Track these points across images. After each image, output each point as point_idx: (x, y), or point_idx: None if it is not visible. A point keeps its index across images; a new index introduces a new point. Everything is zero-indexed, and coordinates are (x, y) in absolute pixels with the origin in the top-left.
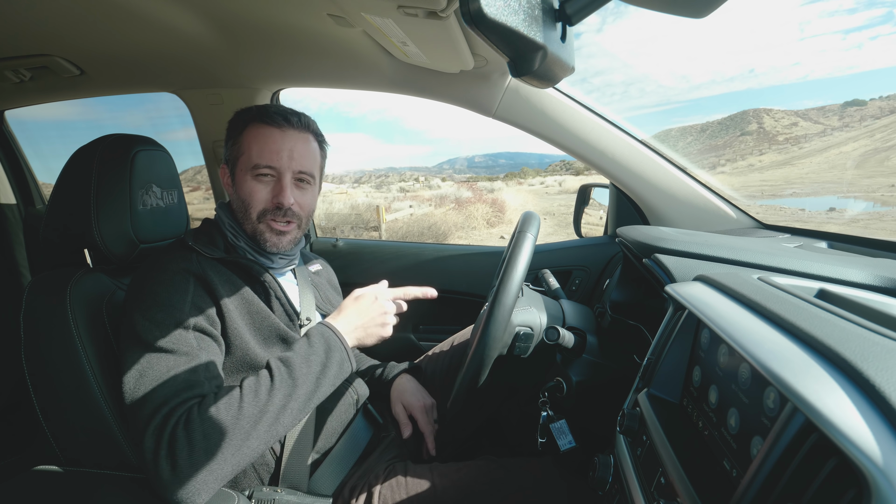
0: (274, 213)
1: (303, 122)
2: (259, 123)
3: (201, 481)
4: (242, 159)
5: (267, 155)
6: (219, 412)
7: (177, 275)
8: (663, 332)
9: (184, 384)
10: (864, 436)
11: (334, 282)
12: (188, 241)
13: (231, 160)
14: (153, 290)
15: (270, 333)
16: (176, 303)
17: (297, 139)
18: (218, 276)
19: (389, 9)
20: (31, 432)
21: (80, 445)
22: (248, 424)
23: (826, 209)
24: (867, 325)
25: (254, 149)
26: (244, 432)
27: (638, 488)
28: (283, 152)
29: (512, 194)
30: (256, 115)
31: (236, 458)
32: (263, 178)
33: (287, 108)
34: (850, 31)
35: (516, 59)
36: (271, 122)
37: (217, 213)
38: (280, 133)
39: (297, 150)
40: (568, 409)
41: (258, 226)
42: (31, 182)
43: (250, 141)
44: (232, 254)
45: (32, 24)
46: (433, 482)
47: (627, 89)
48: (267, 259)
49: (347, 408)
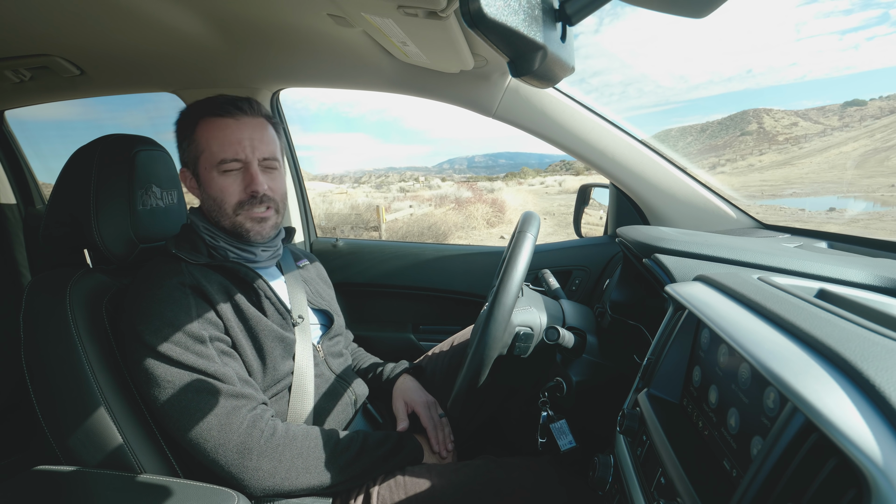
0: (250, 203)
1: (254, 107)
2: (211, 117)
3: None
4: (204, 157)
5: (229, 147)
6: (296, 437)
7: (175, 290)
8: (663, 332)
9: (236, 396)
10: (864, 436)
11: (324, 275)
12: (171, 249)
13: (190, 161)
14: (158, 310)
15: (266, 338)
16: (184, 319)
17: (254, 126)
18: (210, 284)
19: (389, 9)
20: (31, 432)
21: (80, 445)
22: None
23: (826, 209)
24: (867, 325)
25: (213, 144)
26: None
27: (638, 488)
28: (245, 141)
29: (512, 194)
30: (207, 109)
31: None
32: (231, 171)
33: (234, 97)
34: (846, 31)
35: (516, 59)
36: (224, 112)
37: (190, 220)
38: (235, 123)
39: (257, 136)
40: (568, 409)
41: (236, 219)
42: (31, 182)
43: (208, 137)
44: (216, 258)
45: (32, 24)
46: (432, 482)
47: (626, 89)
48: (251, 254)
49: (346, 407)
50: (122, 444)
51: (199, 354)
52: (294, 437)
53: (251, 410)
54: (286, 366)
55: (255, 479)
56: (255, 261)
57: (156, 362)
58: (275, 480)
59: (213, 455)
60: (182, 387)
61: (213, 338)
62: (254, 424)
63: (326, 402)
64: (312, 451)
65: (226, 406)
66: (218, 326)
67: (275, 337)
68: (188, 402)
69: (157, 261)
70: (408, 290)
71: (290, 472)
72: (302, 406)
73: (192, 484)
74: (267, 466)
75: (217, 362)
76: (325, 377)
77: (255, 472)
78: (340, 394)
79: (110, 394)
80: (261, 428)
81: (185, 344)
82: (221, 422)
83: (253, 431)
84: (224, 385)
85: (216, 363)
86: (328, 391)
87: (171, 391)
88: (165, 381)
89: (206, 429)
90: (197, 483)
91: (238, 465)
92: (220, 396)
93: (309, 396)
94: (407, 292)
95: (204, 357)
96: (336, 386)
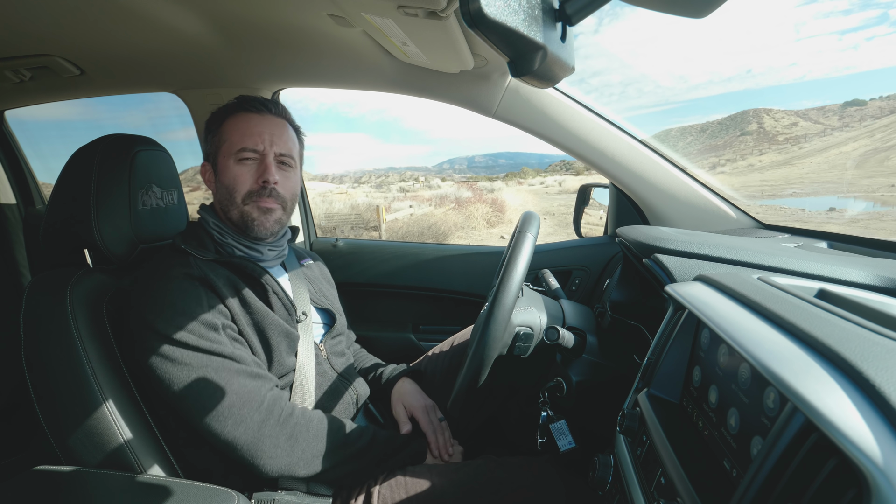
0: (259, 193)
1: (280, 110)
2: (239, 112)
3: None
4: (224, 147)
5: (249, 138)
6: (312, 420)
7: (185, 281)
8: (663, 332)
9: (254, 377)
10: (864, 436)
11: (327, 275)
12: (179, 244)
13: (212, 153)
14: (170, 300)
15: (272, 332)
16: (196, 308)
17: (277, 124)
18: (218, 278)
19: (389, 9)
20: (31, 432)
21: (80, 445)
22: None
23: (826, 209)
24: (867, 325)
25: (234, 135)
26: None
27: (638, 488)
28: (265, 135)
29: (512, 194)
30: (236, 106)
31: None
32: (247, 161)
33: (265, 98)
34: (845, 31)
35: (516, 59)
36: (251, 108)
37: (201, 216)
38: (260, 117)
39: (277, 132)
40: (568, 408)
41: (244, 208)
42: (31, 182)
43: (230, 129)
44: (223, 254)
45: (32, 24)
46: (432, 482)
47: (625, 90)
48: (257, 252)
49: (347, 406)
50: (122, 444)
51: (213, 340)
52: (311, 420)
53: (270, 390)
54: (290, 361)
55: (271, 458)
56: (261, 259)
57: (172, 348)
58: (290, 460)
59: (232, 433)
60: (200, 368)
61: (224, 325)
62: (275, 402)
63: (328, 401)
64: (328, 435)
65: (246, 385)
66: (227, 316)
67: (280, 331)
68: (208, 383)
69: (165, 254)
70: (408, 290)
71: (305, 453)
72: (303, 404)
73: (192, 484)
74: (285, 445)
75: (230, 346)
76: (328, 376)
77: (273, 450)
78: (342, 393)
79: (110, 394)
80: (281, 406)
81: (199, 332)
82: (242, 399)
83: (274, 409)
84: (241, 366)
85: (230, 347)
86: (330, 390)
87: (190, 374)
88: (183, 364)
89: (227, 406)
90: (197, 483)
91: (256, 443)
92: (239, 375)
93: (310, 394)
94: (407, 292)
95: (217, 342)
96: (338, 385)
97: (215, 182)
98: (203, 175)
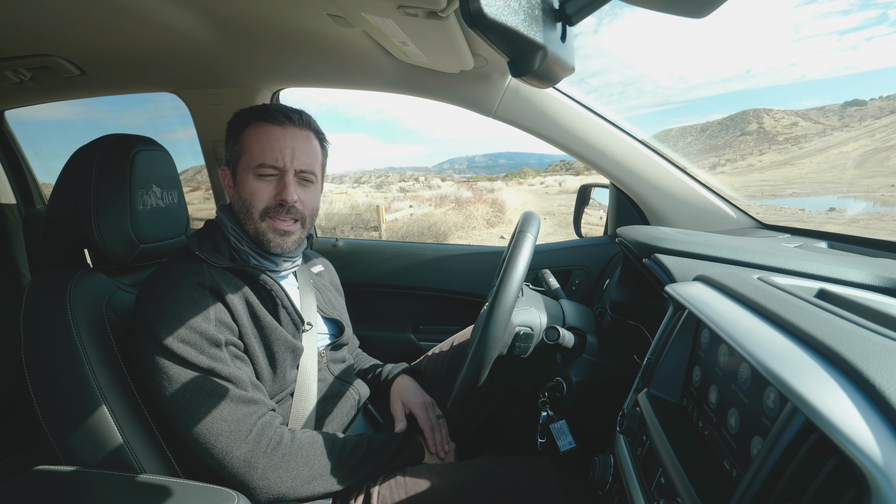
0: (277, 211)
1: (304, 119)
2: (260, 122)
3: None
4: (244, 159)
5: (269, 153)
6: (302, 446)
7: (194, 291)
8: (663, 332)
9: (246, 402)
10: (864, 436)
11: (337, 283)
12: (194, 249)
13: (232, 160)
14: (177, 310)
15: (279, 347)
16: (201, 321)
17: (299, 137)
18: (229, 288)
19: (389, 9)
20: (31, 432)
21: (80, 445)
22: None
23: (826, 209)
24: (867, 325)
25: (255, 148)
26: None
27: (638, 488)
28: (286, 150)
29: (512, 194)
30: (257, 114)
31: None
32: (266, 177)
33: (288, 107)
34: (845, 32)
35: (516, 59)
36: (273, 119)
37: (218, 216)
38: (282, 131)
39: (299, 147)
40: (568, 408)
41: (261, 225)
42: (31, 182)
43: (251, 140)
44: (237, 261)
45: (32, 24)
46: (432, 482)
47: (625, 90)
48: (271, 262)
49: (348, 408)
50: (122, 444)
51: (213, 357)
52: (300, 446)
53: (260, 417)
54: (293, 374)
55: (260, 489)
56: (275, 270)
57: (168, 362)
58: (280, 490)
59: (220, 460)
60: (193, 389)
61: (227, 342)
62: (262, 433)
63: (328, 404)
64: (318, 458)
65: (236, 412)
66: (233, 331)
67: (287, 347)
68: (198, 406)
69: (178, 258)
70: (408, 290)
71: (296, 480)
72: (304, 408)
73: (192, 484)
74: (273, 476)
75: (230, 366)
76: (327, 381)
77: (262, 482)
78: (342, 395)
79: (111, 394)
80: (269, 437)
81: (200, 346)
82: (231, 428)
83: (261, 440)
84: (236, 389)
85: (229, 366)
86: (330, 393)
87: (182, 392)
88: (177, 381)
89: (215, 434)
90: (197, 483)
91: (244, 475)
92: (230, 401)
93: (311, 400)
94: (407, 292)
95: (218, 360)
96: (338, 388)
97: (234, 189)
98: (223, 180)
